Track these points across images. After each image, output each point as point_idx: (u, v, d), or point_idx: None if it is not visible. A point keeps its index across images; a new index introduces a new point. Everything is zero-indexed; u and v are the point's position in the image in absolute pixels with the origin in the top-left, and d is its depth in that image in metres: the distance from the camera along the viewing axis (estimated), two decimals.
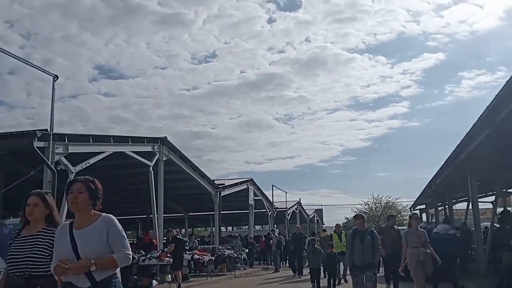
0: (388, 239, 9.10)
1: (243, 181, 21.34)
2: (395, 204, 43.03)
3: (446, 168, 11.68)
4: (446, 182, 12.90)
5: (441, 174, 12.45)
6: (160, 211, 13.70)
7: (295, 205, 33.75)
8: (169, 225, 36.48)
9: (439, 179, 13.08)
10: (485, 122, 7.04)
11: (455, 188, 13.62)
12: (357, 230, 7.02)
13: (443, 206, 15.89)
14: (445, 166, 11.60)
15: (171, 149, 14.26)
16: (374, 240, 6.90)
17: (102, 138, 10.62)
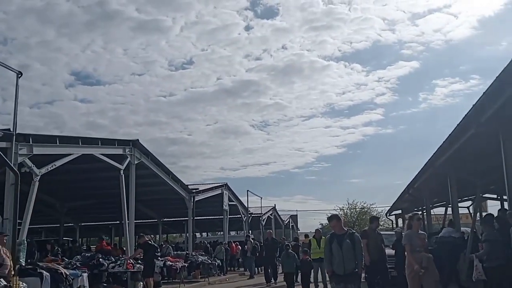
0: (373, 244, 8.33)
1: (218, 186, 20.81)
2: (370, 210, 43.44)
3: (425, 172, 11.61)
4: (425, 186, 12.87)
5: (420, 178, 12.40)
6: (131, 217, 13.00)
7: (270, 210, 33.43)
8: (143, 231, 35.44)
9: (417, 183, 13.03)
10: (470, 120, 6.88)
11: (434, 192, 13.64)
12: (334, 234, 6.11)
13: (421, 211, 15.90)
14: (424, 170, 11.52)
15: (143, 152, 13.61)
16: (355, 244, 5.91)
17: (70, 140, 9.92)
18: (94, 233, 31.71)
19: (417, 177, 12.62)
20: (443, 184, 12.08)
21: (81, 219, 26.78)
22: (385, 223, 39.60)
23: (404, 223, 21.24)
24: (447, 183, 10.73)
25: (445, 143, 9.09)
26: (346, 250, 5.88)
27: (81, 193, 17.72)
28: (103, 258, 11.65)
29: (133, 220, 13.07)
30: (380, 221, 41.50)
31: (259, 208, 31.75)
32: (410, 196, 14.40)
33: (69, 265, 9.92)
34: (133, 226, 13.11)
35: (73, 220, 26.53)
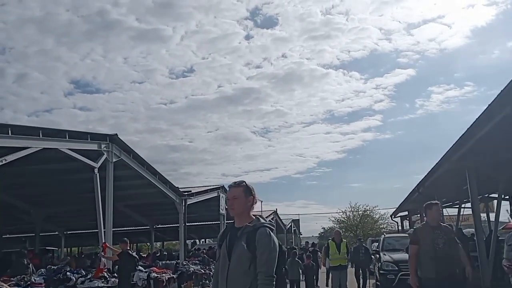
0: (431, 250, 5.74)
1: (214, 189, 19.37)
2: (372, 213, 41.97)
3: (439, 168, 10.20)
4: (438, 184, 11.45)
5: (432, 175, 10.97)
6: (108, 224, 11.50)
7: (271, 214, 31.96)
8: (138, 239, 34.19)
9: (429, 181, 11.60)
10: (504, 101, 5.57)
11: (447, 190, 12.23)
12: None
13: None
14: (438, 165, 10.11)
15: (123, 149, 12.18)
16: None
17: (26, 130, 8.50)
18: (83, 241, 30.24)
19: (430, 174, 11.19)
20: (458, 181, 10.71)
21: (67, 227, 25.34)
22: (388, 226, 38.17)
23: (411, 225, 19.82)
24: (463, 180, 9.41)
25: (465, 135, 7.83)
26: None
27: (60, 198, 16.34)
28: (71, 272, 10.25)
29: (110, 228, 11.59)
30: (384, 223, 40.74)
31: (259, 213, 30.45)
32: (420, 196, 12.95)
33: (22, 282, 8.47)
34: (111, 234, 11.60)
35: (57, 228, 25.15)
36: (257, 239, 2.62)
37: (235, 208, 2.78)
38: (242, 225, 2.74)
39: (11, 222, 20.35)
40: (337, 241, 9.74)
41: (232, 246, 2.73)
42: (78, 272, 10.41)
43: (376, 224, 41.27)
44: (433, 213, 4.99)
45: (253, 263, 2.63)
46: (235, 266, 2.68)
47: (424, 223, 5.19)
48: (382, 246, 12.09)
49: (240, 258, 2.65)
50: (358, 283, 11.40)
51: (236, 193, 2.80)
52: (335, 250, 9.58)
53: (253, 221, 2.74)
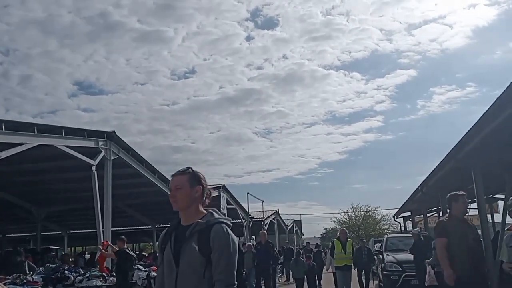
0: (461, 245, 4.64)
1: (214, 188, 19.19)
2: (375, 213, 41.71)
3: (443, 166, 9.93)
4: (442, 184, 11.16)
5: (437, 174, 10.70)
6: (107, 223, 11.32)
7: (273, 214, 31.76)
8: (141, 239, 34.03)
9: (433, 181, 11.33)
10: (505, 101, 5.35)
11: (451, 190, 11.94)
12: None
13: (435, 211, 14.21)
14: (443, 164, 9.85)
15: (122, 147, 12.03)
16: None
17: (21, 126, 8.33)
18: (87, 241, 30.15)
19: (433, 174, 10.93)
20: (463, 180, 10.44)
21: (69, 226, 25.25)
22: (391, 226, 37.87)
23: (414, 225, 19.53)
24: (468, 179, 9.14)
25: (471, 131, 7.57)
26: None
27: (60, 197, 16.21)
28: (69, 270, 10.08)
29: (109, 227, 11.41)
30: (386, 224, 40.45)
31: (261, 213, 30.27)
32: (424, 196, 12.68)
33: (17, 280, 8.32)
34: (110, 233, 11.42)
35: (60, 228, 25.06)
36: (211, 239, 2.10)
37: (178, 200, 2.23)
38: (191, 222, 2.19)
39: (14, 221, 20.28)
40: (343, 240, 9.38)
41: (179, 250, 2.15)
42: (76, 271, 10.26)
43: (378, 225, 41.04)
44: (459, 206, 4.50)
45: (208, 269, 2.09)
46: (185, 274, 2.11)
47: (450, 215, 4.66)
48: (385, 246, 11.85)
49: (191, 264, 2.11)
50: (361, 284, 11.18)
51: (179, 183, 2.25)
52: (340, 250, 9.24)
53: (205, 217, 2.21)
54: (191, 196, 2.23)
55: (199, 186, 2.27)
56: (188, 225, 2.19)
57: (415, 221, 19.57)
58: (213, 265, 2.08)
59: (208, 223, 2.16)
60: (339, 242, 9.35)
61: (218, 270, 2.07)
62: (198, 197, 2.25)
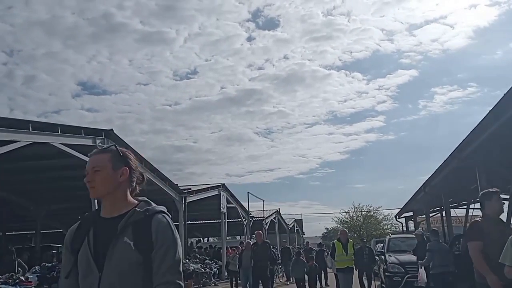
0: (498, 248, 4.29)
1: (214, 187, 19.04)
2: (376, 213, 41.43)
3: (447, 166, 9.75)
4: (445, 183, 10.99)
5: (440, 173, 10.51)
6: None
7: (273, 214, 31.58)
8: None
9: (436, 180, 11.14)
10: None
11: (454, 190, 11.76)
12: None
13: (438, 211, 13.99)
14: (446, 163, 9.66)
15: (121, 146, 11.79)
16: None
17: (15, 123, 8.17)
18: None
19: (437, 173, 10.74)
20: (467, 180, 10.26)
21: (71, 225, 25.11)
22: (393, 226, 37.64)
23: (416, 225, 19.30)
24: (471, 179, 8.95)
25: (475, 130, 7.42)
26: None
27: (59, 195, 16.08)
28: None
29: None
30: (388, 224, 40.18)
31: (262, 212, 30.12)
32: (426, 195, 12.49)
33: (10, 280, 8.17)
34: None
35: (62, 226, 24.98)
36: (154, 231, 1.65)
37: (96, 186, 1.74)
38: (117, 213, 1.71)
39: (14, 219, 20.20)
40: (343, 241, 8.96)
41: (103, 249, 1.65)
42: None
43: (379, 225, 40.78)
44: (493, 204, 3.87)
45: (146, 270, 1.63)
46: (115, 280, 1.60)
47: (484, 215, 4.06)
48: (388, 247, 11.64)
49: (121, 265, 1.61)
50: (362, 286, 10.96)
51: (98, 163, 1.77)
52: (341, 251, 8.82)
53: (139, 206, 1.78)
54: (114, 180, 1.74)
55: (125, 167, 1.80)
56: (114, 217, 1.71)
57: (417, 221, 19.36)
58: (155, 264, 1.63)
59: (148, 213, 1.72)
60: (340, 243, 8.94)
61: (163, 269, 1.62)
62: (124, 181, 1.78)
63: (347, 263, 8.54)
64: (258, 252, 10.63)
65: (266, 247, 10.80)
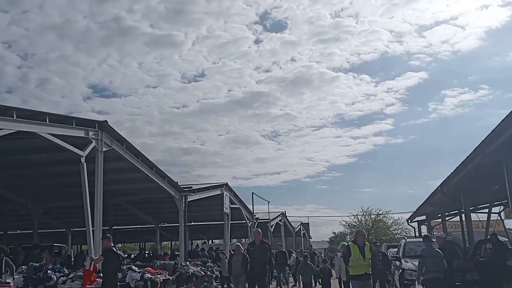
0: None
1: (216, 186, 18.28)
2: (386, 217, 40.19)
3: (469, 163, 8.83)
4: (465, 183, 10.05)
5: (460, 172, 9.58)
6: (97, 220, 10.35)
7: (279, 216, 30.68)
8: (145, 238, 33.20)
9: (455, 179, 10.20)
10: None
11: (475, 191, 10.81)
12: None
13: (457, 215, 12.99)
14: (470, 159, 8.74)
15: (115, 138, 11.12)
16: None
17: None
18: None
19: (456, 172, 9.80)
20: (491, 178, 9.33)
21: (73, 224, 24.54)
22: (403, 231, 36.44)
23: (429, 230, 18.28)
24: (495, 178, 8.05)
25: (505, 121, 6.56)
26: None
27: (56, 192, 15.45)
28: (53, 270, 9.24)
29: (100, 226, 10.44)
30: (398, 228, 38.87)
31: (267, 214, 29.24)
32: (444, 197, 11.53)
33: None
34: (100, 233, 10.41)
35: (64, 225, 24.41)
36: None
37: None
38: None
39: (14, 218, 19.68)
40: (360, 244, 7.66)
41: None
42: (60, 271, 9.41)
43: (389, 229, 39.57)
44: None
45: None
46: None
47: None
48: (403, 252, 10.70)
49: None
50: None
51: None
52: (358, 255, 7.51)
53: None
54: None
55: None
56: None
57: (431, 225, 18.33)
58: None
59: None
60: (356, 246, 7.56)
61: None
62: None
63: (365, 269, 7.34)
64: (255, 254, 9.05)
65: (265, 248, 9.23)
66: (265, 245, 9.39)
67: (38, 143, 9.75)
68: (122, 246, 42.44)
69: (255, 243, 9.37)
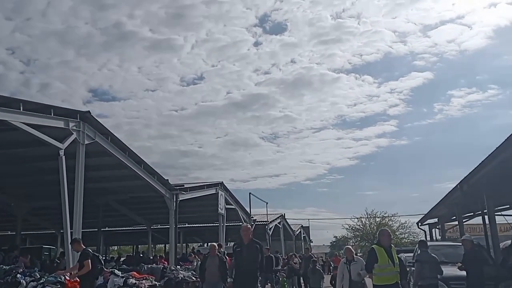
0: None
1: (211, 185, 17.15)
2: (391, 221, 38.82)
3: (497, 156, 7.71)
4: (491, 179, 8.90)
5: (485, 167, 8.44)
6: (76, 221, 9.22)
7: (278, 218, 29.53)
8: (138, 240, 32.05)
9: (478, 176, 9.05)
10: None
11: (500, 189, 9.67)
12: None
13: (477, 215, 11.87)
14: (497, 153, 7.62)
15: (99, 131, 10.02)
16: None
17: None
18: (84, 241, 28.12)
19: (481, 167, 8.65)
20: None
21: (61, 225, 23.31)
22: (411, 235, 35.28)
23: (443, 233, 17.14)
24: None
25: None
26: None
27: (41, 190, 14.29)
28: (23, 274, 8.14)
29: (79, 227, 9.28)
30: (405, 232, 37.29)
31: (265, 216, 28.12)
32: (463, 196, 10.37)
33: None
34: (80, 235, 9.23)
35: (53, 226, 23.22)
36: None
37: None
38: None
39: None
40: (386, 246, 6.21)
41: None
42: (31, 275, 8.29)
43: (395, 233, 38.27)
44: None
45: None
46: None
47: None
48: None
49: None
50: None
51: None
52: (387, 260, 6.02)
53: None
54: None
55: None
56: None
57: (444, 229, 17.19)
58: None
59: None
60: (383, 249, 6.06)
61: None
62: None
63: (396, 277, 5.97)
64: (242, 256, 6.84)
65: (255, 249, 6.89)
66: (256, 245, 7.01)
67: (15, 135, 8.75)
68: (118, 249, 41.30)
69: (243, 243, 7.03)
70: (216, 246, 8.93)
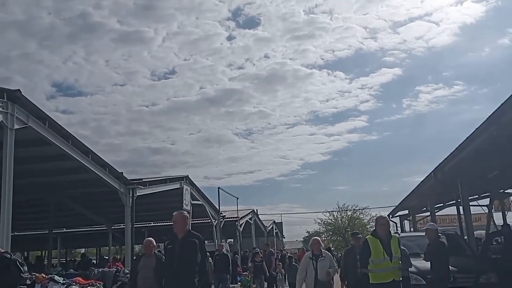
0: None
1: (174, 179, 15.99)
2: (362, 214, 38.89)
3: (475, 139, 7.04)
4: (465, 165, 8.29)
5: (461, 152, 7.78)
6: (4, 222, 7.84)
7: (249, 214, 28.60)
8: (100, 242, 30.24)
9: (453, 163, 8.42)
10: None
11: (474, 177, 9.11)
12: None
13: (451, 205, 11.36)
14: (476, 135, 6.95)
15: (34, 115, 8.66)
16: None
17: None
18: (36, 245, 26.22)
19: (457, 152, 8.00)
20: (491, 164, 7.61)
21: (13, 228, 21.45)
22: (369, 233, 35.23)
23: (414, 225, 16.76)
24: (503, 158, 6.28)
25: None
26: None
27: None
28: None
29: (7, 229, 7.82)
30: (369, 229, 37.49)
31: (236, 212, 27.14)
32: (437, 185, 9.76)
33: None
34: (9, 238, 7.87)
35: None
36: None
37: None
38: None
39: None
40: (384, 236, 5.22)
41: None
42: None
43: (366, 226, 38.29)
44: None
45: None
46: None
47: None
48: None
49: None
50: None
51: None
52: (382, 254, 5.06)
53: None
54: None
55: None
56: None
57: (416, 220, 16.81)
58: None
59: None
60: (378, 241, 5.09)
61: None
62: None
63: (393, 274, 4.96)
64: (174, 255, 5.06)
65: (192, 244, 5.05)
66: (194, 239, 5.12)
67: None
68: (86, 252, 39.24)
69: (176, 237, 5.17)
70: (153, 242, 6.62)
